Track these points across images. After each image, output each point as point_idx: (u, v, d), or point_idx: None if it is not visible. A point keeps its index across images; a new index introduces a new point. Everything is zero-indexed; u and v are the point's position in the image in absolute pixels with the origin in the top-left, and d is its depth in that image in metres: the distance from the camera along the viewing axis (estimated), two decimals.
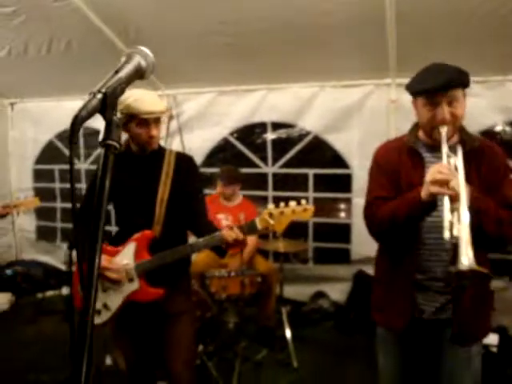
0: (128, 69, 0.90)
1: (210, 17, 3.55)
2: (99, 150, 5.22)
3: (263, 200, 4.70)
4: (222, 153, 4.88)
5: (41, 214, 5.66)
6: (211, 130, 4.75)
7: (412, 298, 1.83)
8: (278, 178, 4.71)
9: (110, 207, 2.47)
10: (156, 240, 2.25)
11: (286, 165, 4.64)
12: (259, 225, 2.13)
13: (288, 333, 3.69)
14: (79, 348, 0.74)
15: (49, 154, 5.55)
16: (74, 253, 2.63)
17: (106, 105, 0.81)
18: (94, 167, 5.25)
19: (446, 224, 1.51)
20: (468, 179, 1.64)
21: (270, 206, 2.15)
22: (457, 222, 1.51)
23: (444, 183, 1.56)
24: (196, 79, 4.57)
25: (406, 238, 1.83)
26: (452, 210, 1.54)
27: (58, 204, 5.60)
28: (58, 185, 5.57)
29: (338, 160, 4.46)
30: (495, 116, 3.86)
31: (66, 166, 5.45)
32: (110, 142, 0.83)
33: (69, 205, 5.48)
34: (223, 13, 3.50)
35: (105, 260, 2.22)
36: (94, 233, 0.78)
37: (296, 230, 4.52)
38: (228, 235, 2.09)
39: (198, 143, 4.78)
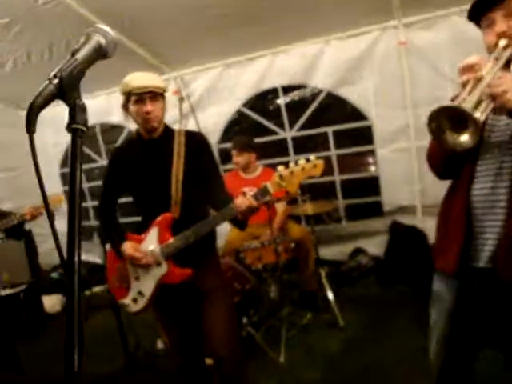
0: (86, 49, 0.88)
1: None
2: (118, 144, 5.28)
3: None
4: (238, 126, 4.84)
5: None
6: (224, 105, 4.71)
7: (465, 236, 1.62)
8: (297, 141, 4.64)
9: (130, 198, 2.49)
10: (177, 221, 2.26)
11: (304, 127, 4.57)
12: (271, 189, 2.11)
13: (330, 294, 3.68)
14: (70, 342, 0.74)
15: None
16: (108, 246, 2.71)
17: (65, 89, 0.79)
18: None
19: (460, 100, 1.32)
20: None
21: (280, 167, 2.12)
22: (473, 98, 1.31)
23: (471, 68, 1.41)
24: (200, 56, 4.53)
25: (459, 167, 1.65)
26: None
27: (89, 203, 5.71)
28: (85, 184, 5.66)
29: (355, 113, 4.35)
30: None
31: (91, 165, 5.55)
32: (76, 125, 0.81)
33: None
34: None
35: (130, 248, 2.26)
36: (70, 223, 0.78)
37: (325, 190, 4.49)
38: (241, 203, 2.08)
39: (212, 120, 4.76)
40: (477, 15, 1.60)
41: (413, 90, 4.03)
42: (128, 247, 2.27)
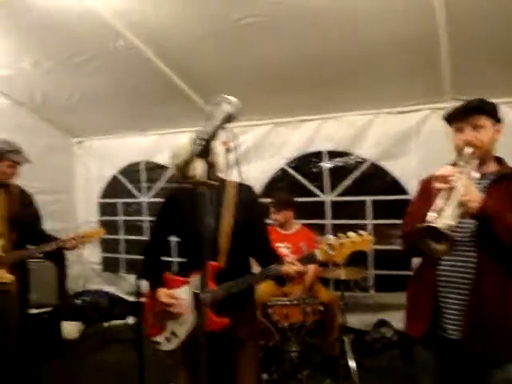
0: (219, 117, 1.01)
1: (265, 51, 3.70)
2: (160, 184, 5.45)
3: (321, 228, 4.72)
4: (279, 183, 4.96)
5: (105, 246, 5.90)
6: (269, 161, 4.86)
7: (433, 310, 1.92)
8: (335, 205, 4.72)
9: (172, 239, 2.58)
10: (222, 271, 2.33)
11: (343, 193, 4.66)
12: (320, 257, 2.21)
13: (351, 362, 3.64)
14: None
15: (113, 188, 5.83)
16: (143, 283, 2.79)
17: (207, 150, 0.91)
18: (155, 200, 5.49)
19: (437, 209, 1.66)
20: (495, 198, 1.80)
21: (330, 237, 2.23)
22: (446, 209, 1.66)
23: (444, 179, 1.73)
24: (252, 112, 4.71)
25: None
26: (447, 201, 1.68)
27: (122, 236, 5.82)
28: (121, 218, 5.82)
29: (395, 186, 4.44)
30: None
31: (129, 200, 5.71)
32: (211, 181, 0.93)
33: (132, 237, 5.70)
34: (279, 47, 3.63)
35: (164, 296, 2.33)
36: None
37: (356, 257, 4.51)
38: (290, 269, 2.18)
39: (255, 174, 4.88)
40: (450, 120, 2.00)
41: None
42: (162, 294, 2.34)
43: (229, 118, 1.08)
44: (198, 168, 2.25)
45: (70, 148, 5.90)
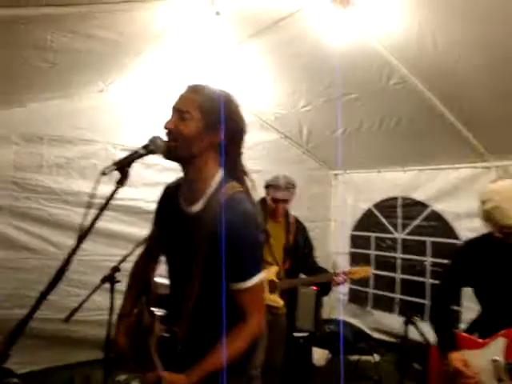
0: None
1: None
2: (417, 221, 5.22)
3: None
4: None
5: None
6: None
7: None
8: None
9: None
10: None
11: None
12: None
13: None
14: None
15: (366, 221, 5.83)
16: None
17: None
18: (410, 238, 5.33)
19: None
20: None
21: None
22: None
23: None
24: None
25: None
26: None
27: (372, 271, 5.72)
28: (373, 252, 5.77)
29: None
30: None
31: (382, 234, 5.63)
32: None
33: (382, 272, 5.58)
34: None
35: (459, 361, 2.13)
36: None
37: None
38: None
39: None
40: None
41: None
42: (457, 358, 2.15)
43: None
44: None
45: (328, 180, 6.17)
